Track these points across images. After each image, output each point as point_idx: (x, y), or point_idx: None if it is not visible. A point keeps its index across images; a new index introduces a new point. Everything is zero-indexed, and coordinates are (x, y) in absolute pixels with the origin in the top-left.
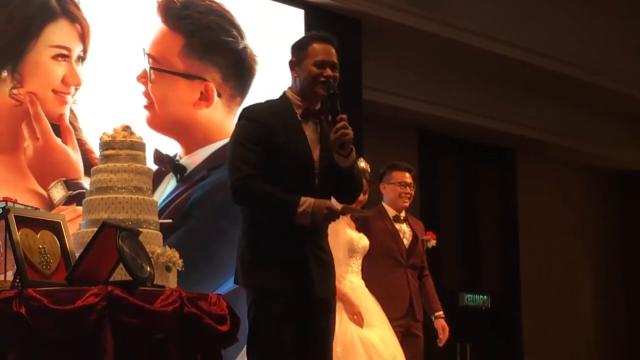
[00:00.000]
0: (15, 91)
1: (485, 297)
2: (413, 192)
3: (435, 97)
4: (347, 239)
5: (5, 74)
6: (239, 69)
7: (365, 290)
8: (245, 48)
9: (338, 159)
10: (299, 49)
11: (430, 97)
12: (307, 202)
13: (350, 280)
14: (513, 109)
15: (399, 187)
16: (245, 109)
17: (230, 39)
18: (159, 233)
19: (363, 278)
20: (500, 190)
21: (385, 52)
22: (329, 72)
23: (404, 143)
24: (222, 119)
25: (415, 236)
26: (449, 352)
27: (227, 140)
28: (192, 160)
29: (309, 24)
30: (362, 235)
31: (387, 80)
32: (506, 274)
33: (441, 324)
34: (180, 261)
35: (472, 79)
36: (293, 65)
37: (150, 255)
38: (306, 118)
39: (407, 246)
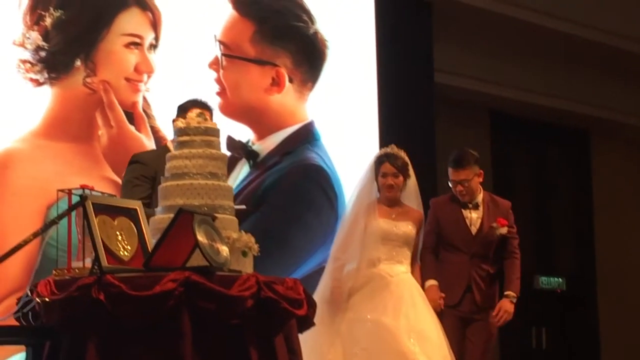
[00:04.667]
0: (88, 80)
1: (560, 279)
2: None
3: (507, 79)
4: (376, 227)
5: (78, 62)
6: (310, 54)
7: (405, 278)
8: (316, 33)
9: None
10: (182, 111)
11: (502, 79)
12: None
13: (381, 269)
14: (587, 90)
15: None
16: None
17: (300, 24)
18: (235, 218)
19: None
20: (574, 172)
21: (456, 34)
22: None
23: (475, 126)
24: (294, 105)
25: (484, 224)
26: (524, 336)
27: (299, 125)
28: (265, 146)
29: (379, 8)
30: (400, 223)
31: (458, 63)
32: (581, 256)
33: (502, 304)
34: (256, 246)
35: (545, 61)
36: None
37: (226, 240)
38: None
39: (474, 233)
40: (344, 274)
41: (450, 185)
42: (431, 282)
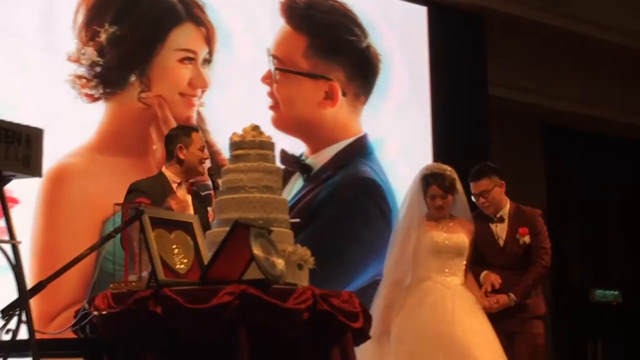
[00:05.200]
0: (143, 95)
1: (616, 292)
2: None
3: (560, 91)
4: (428, 240)
5: (133, 78)
6: (363, 67)
7: (461, 290)
8: (368, 47)
9: None
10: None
11: (556, 91)
12: None
13: (436, 281)
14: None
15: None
16: (132, 184)
17: (353, 37)
18: (290, 232)
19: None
20: (629, 184)
21: (509, 47)
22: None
23: (529, 139)
24: (347, 118)
25: (509, 235)
26: (579, 349)
27: (353, 138)
28: (318, 160)
29: (432, 21)
30: (452, 235)
31: (511, 76)
32: (637, 268)
33: (499, 296)
34: (311, 259)
35: (599, 72)
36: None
37: (282, 253)
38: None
39: (501, 246)
40: (399, 290)
41: (474, 200)
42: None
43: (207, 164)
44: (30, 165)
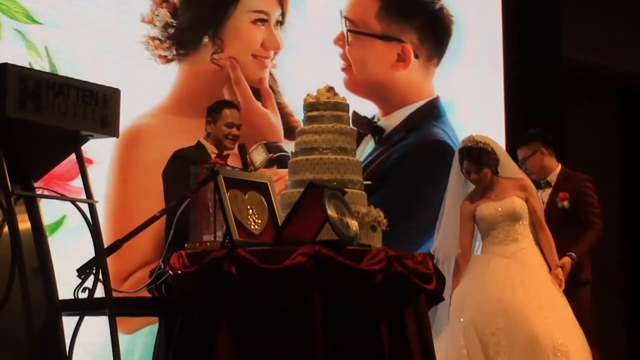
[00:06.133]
0: (216, 56)
1: None
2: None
3: (638, 53)
4: (479, 215)
5: (206, 39)
6: (435, 29)
7: (523, 254)
8: (441, 8)
9: None
10: (213, 112)
11: (633, 54)
12: None
13: (496, 252)
14: None
15: None
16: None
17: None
18: (364, 193)
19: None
20: None
21: (584, 8)
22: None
23: (604, 104)
24: (420, 80)
25: (551, 200)
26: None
27: (425, 101)
28: (390, 122)
29: None
30: (501, 202)
31: (586, 38)
32: None
33: (563, 260)
34: (385, 221)
35: None
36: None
37: (355, 215)
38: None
39: (545, 211)
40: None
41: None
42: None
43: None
44: (107, 125)
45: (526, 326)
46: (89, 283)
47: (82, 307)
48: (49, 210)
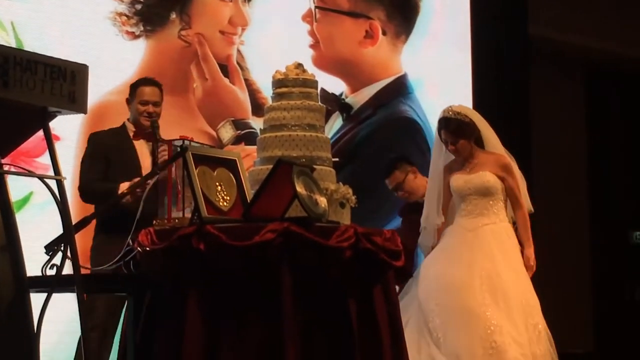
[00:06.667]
0: (183, 32)
1: None
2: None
3: (605, 31)
4: (451, 186)
5: (173, 15)
6: (403, 6)
7: (485, 230)
8: None
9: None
10: (133, 89)
11: (600, 31)
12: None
13: (459, 224)
14: None
15: None
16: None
17: None
18: (333, 170)
19: None
20: None
21: None
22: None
23: (571, 80)
24: (387, 57)
25: None
26: (617, 291)
27: (393, 77)
28: (358, 99)
29: None
30: (473, 175)
31: (554, 15)
32: None
33: None
34: (353, 197)
35: None
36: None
37: (324, 191)
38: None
39: None
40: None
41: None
42: None
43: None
44: (75, 101)
45: (461, 303)
46: (57, 260)
47: (50, 284)
48: (16, 187)
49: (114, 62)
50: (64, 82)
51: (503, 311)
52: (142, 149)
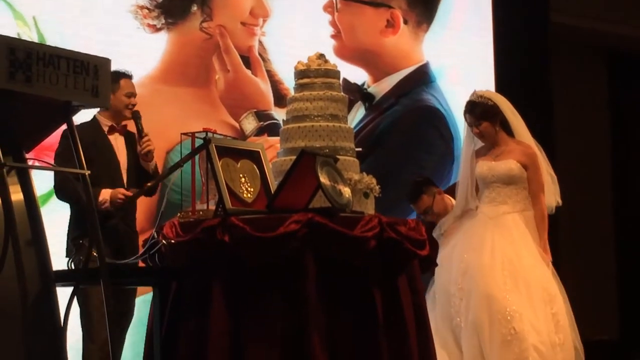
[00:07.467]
0: (205, 25)
1: None
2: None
3: (626, 18)
4: (476, 173)
5: (195, 8)
6: None
7: (507, 218)
8: None
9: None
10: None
11: (621, 18)
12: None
13: (482, 211)
14: None
15: None
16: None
17: None
18: (356, 160)
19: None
20: None
21: None
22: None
23: (592, 67)
24: (409, 46)
25: None
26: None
27: (415, 67)
28: (380, 89)
29: None
30: (499, 163)
31: (575, 2)
32: None
33: None
34: (377, 187)
35: None
36: None
37: (348, 182)
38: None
39: None
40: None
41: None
42: None
43: None
44: (98, 95)
45: (483, 288)
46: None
47: (76, 278)
48: (40, 181)
49: (136, 55)
50: (87, 76)
51: (524, 296)
52: (117, 143)
